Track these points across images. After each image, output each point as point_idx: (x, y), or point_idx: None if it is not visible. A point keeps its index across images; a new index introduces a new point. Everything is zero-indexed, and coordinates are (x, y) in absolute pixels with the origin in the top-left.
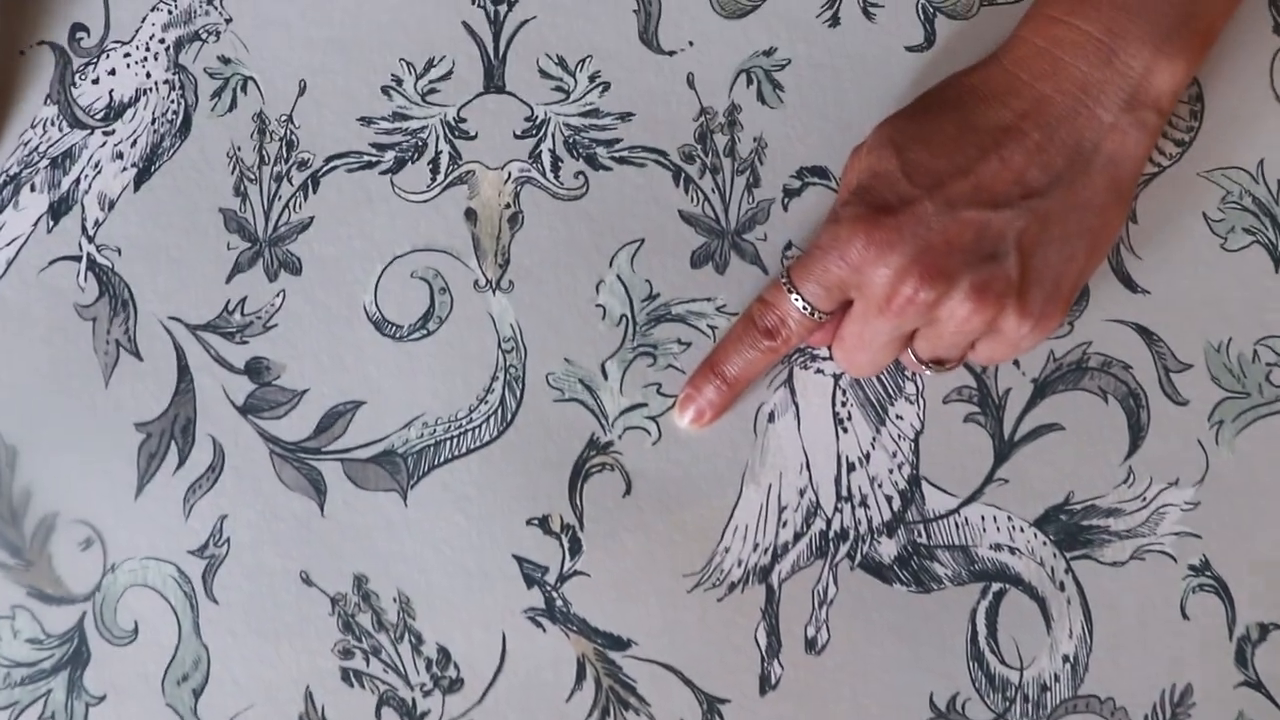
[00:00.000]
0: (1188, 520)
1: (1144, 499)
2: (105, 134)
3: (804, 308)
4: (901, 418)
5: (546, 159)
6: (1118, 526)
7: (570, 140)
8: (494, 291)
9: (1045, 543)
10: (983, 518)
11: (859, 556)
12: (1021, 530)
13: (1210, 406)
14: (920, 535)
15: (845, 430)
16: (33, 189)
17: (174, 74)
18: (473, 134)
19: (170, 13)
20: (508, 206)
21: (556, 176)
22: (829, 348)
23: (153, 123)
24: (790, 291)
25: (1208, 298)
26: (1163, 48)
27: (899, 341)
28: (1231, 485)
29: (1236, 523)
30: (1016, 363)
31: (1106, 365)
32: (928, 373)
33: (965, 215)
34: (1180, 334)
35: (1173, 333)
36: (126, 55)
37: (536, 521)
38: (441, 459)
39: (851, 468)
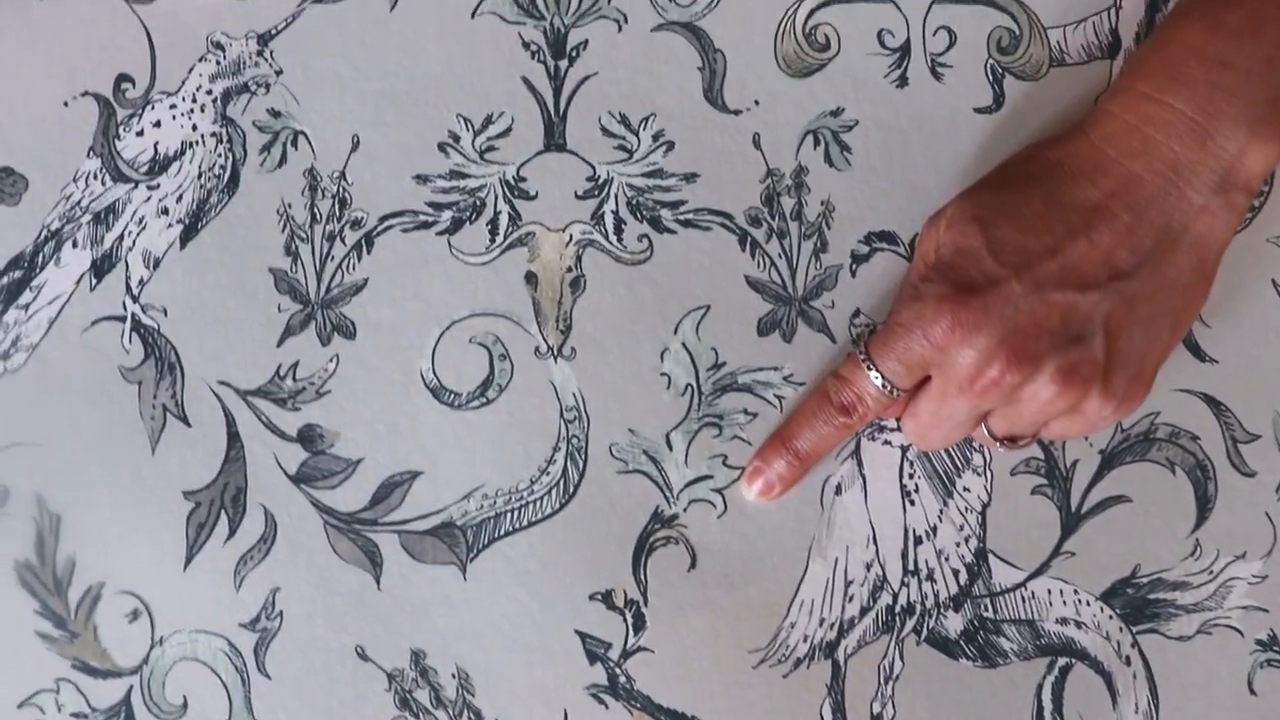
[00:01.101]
0: (1255, 594)
1: (1211, 572)
2: (150, 188)
3: (882, 385)
4: (969, 490)
5: (609, 221)
6: (1184, 600)
7: (634, 201)
8: (556, 359)
9: (1111, 617)
10: (1049, 591)
11: (925, 631)
12: (1088, 604)
13: (1278, 478)
14: (986, 609)
15: (912, 503)
16: (75, 245)
17: (221, 127)
18: (533, 194)
19: (218, 63)
20: (569, 270)
21: (620, 239)
22: (899, 420)
23: (199, 177)
24: (869, 368)
25: (1277, 366)
26: (1257, 129)
27: (975, 419)
28: None
29: None
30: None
31: (1174, 436)
32: (1000, 449)
33: (1053, 297)
34: (1249, 404)
35: (1241, 402)
36: (172, 107)
37: (599, 596)
38: (502, 532)
39: (919, 541)
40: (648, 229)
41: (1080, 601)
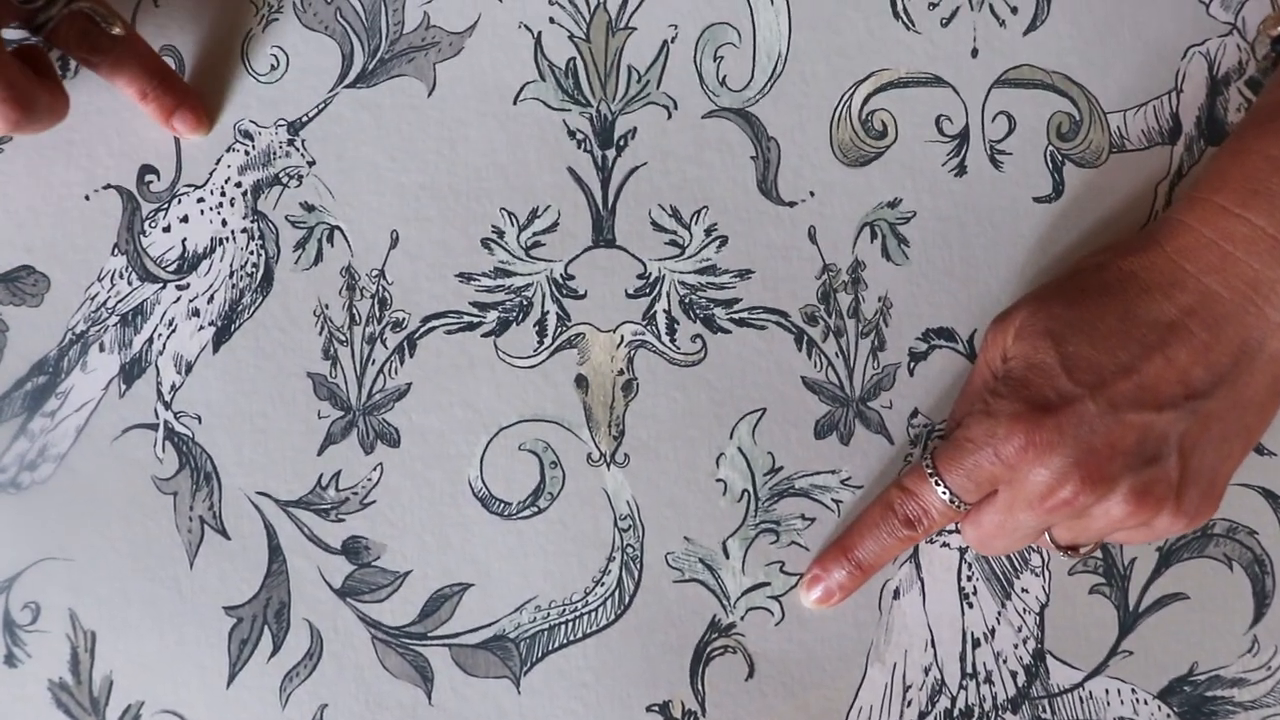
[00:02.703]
0: None
1: (1269, 668)
2: (179, 288)
3: (950, 500)
4: (1027, 591)
5: (661, 320)
6: (1242, 697)
7: (686, 300)
8: (609, 466)
9: (1169, 715)
10: (1106, 691)
11: None
12: (1145, 703)
13: None
14: (1044, 710)
15: (970, 605)
16: (101, 349)
17: (253, 222)
18: (582, 293)
19: (247, 154)
20: (621, 373)
21: (673, 340)
22: (958, 524)
23: (230, 276)
24: (936, 482)
25: None
26: None
27: (1040, 531)
28: None
29: None
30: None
31: (1232, 531)
32: (1063, 556)
33: (1129, 418)
34: None
35: None
36: (200, 200)
37: (657, 708)
38: (556, 644)
39: (976, 643)
40: (701, 329)
41: (1138, 700)
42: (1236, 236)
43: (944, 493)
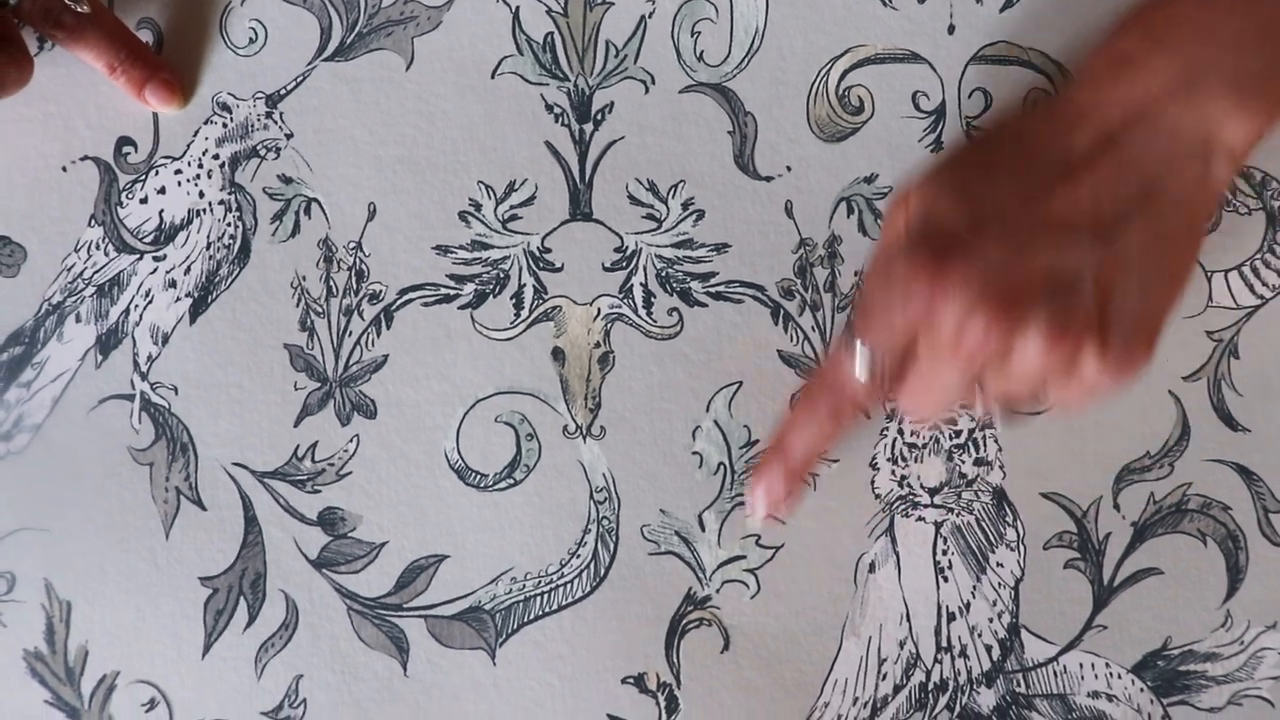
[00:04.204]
0: None
1: (1242, 643)
2: (156, 259)
3: (870, 370)
4: (1002, 565)
5: (638, 294)
6: (1215, 671)
7: (663, 273)
8: (585, 438)
9: (1143, 689)
10: (1081, 665)
11: (958, 708)
12: (1119, 677)
13: None
14: (1019, 685)
15: (946, 579)
16: (78, 319)
17: (230, 194)
18: (559, 265)
19: (225, 126)
20: (598, 345)
21: (649, 313)
22: (896, 395)
23: (208, 247)
24: (851, 355)
25: None
26: (1244, 99)
27: (967, 385)
28: None
29: None
30: (1117, 506)
31: (1206, 507)
32: (999, 418)
33: (1037, 252)
34: None
35: (1273, 471)
36: (178, 172)
37: (632, 680)
38: (531, 616)
39: (952, 617)
40: (678, 302)
41: (1112, 675)
42: (1139, 78)
43: (861, 362)
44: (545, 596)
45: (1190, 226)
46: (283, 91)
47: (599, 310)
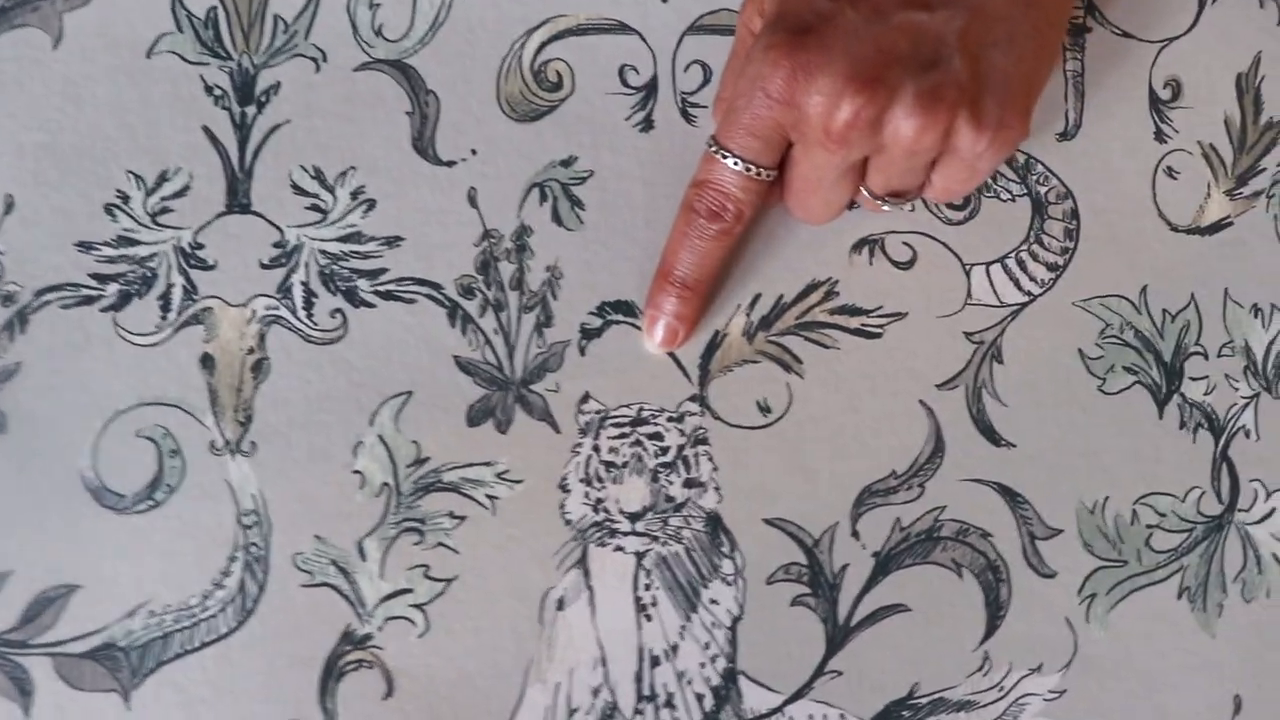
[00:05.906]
0: (1051, 711)
1: (1001, 689)
2: None
3: (744, 169)
4: (717, 602)
5: (298, 294)
6: None
7: (326, 271)
8: (233, 455)
9: None
10: (810, 717)
11: None
12: None
13: (1081, 578)
14: None
15: (649, 618)
16: None
17: None
18: (211, 263)
19: None
20: (251, 351)
21: (310, 315)
22: (785, 204)
23: None
24: (723, 156)
25: (1082, 449)
26: None
27: (851, 176)
28: (1102, 669)
29: (1106, 712)
30: (856, 534)
31: (962, 534)
32: (886, 208)
33: (897, 19)
34: (1049, 493)
35: (1041, 492)
36: None
37: None
38: (171, 654)
39: (655, 662)
40: (342, 303)
41: None
42: None
43: (735, 163)
44: (186, 633)
45: None
46: None
47: (254, 312)
